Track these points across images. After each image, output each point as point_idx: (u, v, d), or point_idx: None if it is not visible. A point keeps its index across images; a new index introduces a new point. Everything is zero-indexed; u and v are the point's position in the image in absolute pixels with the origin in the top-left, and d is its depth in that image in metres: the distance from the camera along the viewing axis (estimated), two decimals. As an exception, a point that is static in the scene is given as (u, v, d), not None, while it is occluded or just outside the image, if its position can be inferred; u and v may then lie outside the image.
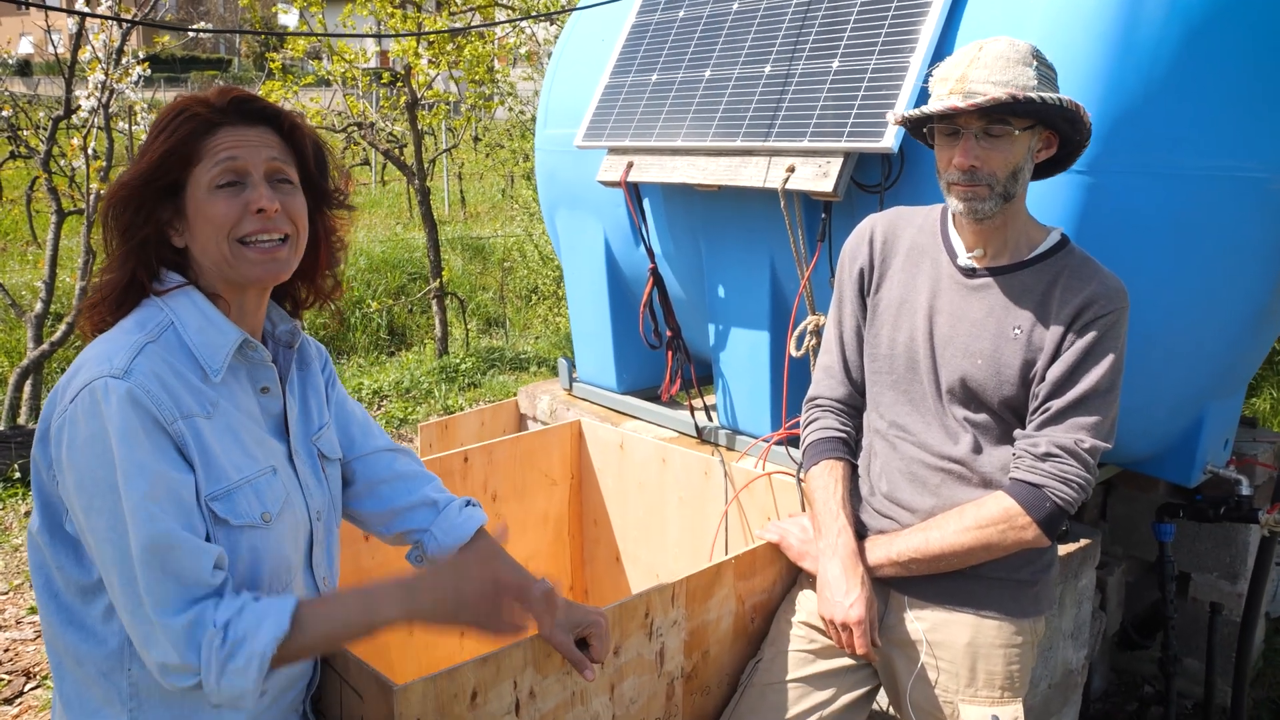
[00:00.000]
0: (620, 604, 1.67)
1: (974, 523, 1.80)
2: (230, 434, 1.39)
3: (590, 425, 2.73)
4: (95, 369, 1.29)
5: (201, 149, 1.36)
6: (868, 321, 2.02)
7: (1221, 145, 2.22)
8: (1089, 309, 1.77)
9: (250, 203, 1.36)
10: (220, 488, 1.35)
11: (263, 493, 1.41)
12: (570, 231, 3.53)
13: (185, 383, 1.35)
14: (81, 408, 1.27)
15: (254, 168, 1.37)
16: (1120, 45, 2.11)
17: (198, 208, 1.36)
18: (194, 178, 1.36)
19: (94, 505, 1.26)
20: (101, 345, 1.33)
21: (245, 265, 1.38)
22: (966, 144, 1.72)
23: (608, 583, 2.76)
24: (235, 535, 1.37)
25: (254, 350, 1.44)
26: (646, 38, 3.05)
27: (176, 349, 1.36)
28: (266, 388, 1.48)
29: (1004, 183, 1.75)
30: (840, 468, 2.00)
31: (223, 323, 1.40)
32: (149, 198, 1.36)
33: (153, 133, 1.39)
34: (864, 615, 1.83)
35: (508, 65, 8.09)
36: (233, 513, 1.36)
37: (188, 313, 1.38)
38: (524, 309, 9.15)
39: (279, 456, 1.47)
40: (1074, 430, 1.78)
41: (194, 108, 1.38)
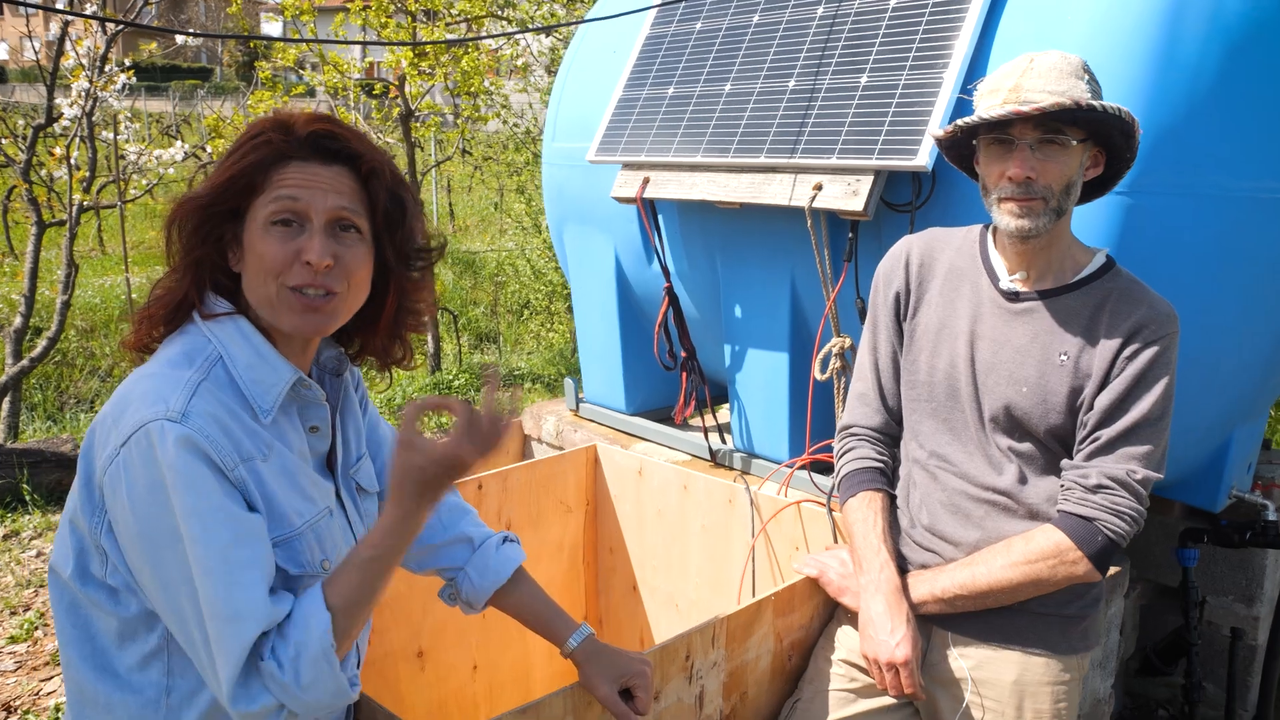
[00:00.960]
0: (661, 646, 1.59)
1: (1022, 558, 1.74)
2: (287, 476, 1.30)
3: (606, 450, 2.65)
4: (148, 409, 1.18)
5: (266, 179, 1.26)
6: (905, 347, 1.95)
7: (1261, 165, 2.18)
8: (1139, 334, 1.71)
9: (301, 251, 1.25)
10: (281, 534, 1.27)
11: (323, 538, 1.33)
12: (579, 248, 3.45)
13: (241, 424, 1.25)
14: (138, 452, 1.17)
15: (315, 213, 1.26)
16: (1162, 61, 2.06)
17: (251, 241, 1.27)
18: (254, 208, 1.27)
19: (162, 557, 1.18)
20: (150, 381, 1.23)
21: (285, 313, 1.27)
22: (1022, 154, 1.66)
23: (624, 612, 2.68)
24: (292, 584, 1.28)
25: (308, 389, 1.34)
26: (662, 50, 2.98)
27: (226, 386, 1.26)
28: (316, 427, 1.38)
29: (1058, 196, 1.69)
30: (879, 499, 1.93)
31: (275, 359, 1.30)
32: (212, 218, 1.28)
33: (230, 150, 1.31)
34: (910, 655, 1.76)
35: (501, 78, 8.02)
36: (293, 561, 1.28)
37: (237, 346, 1.28)
38: (516, 324, 9.06)
39: (330, 496, 1.39)
40: (1125, 460, 1.71)
41: (269, 133, 1.28)
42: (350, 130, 1.34)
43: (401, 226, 1.37)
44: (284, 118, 1.31)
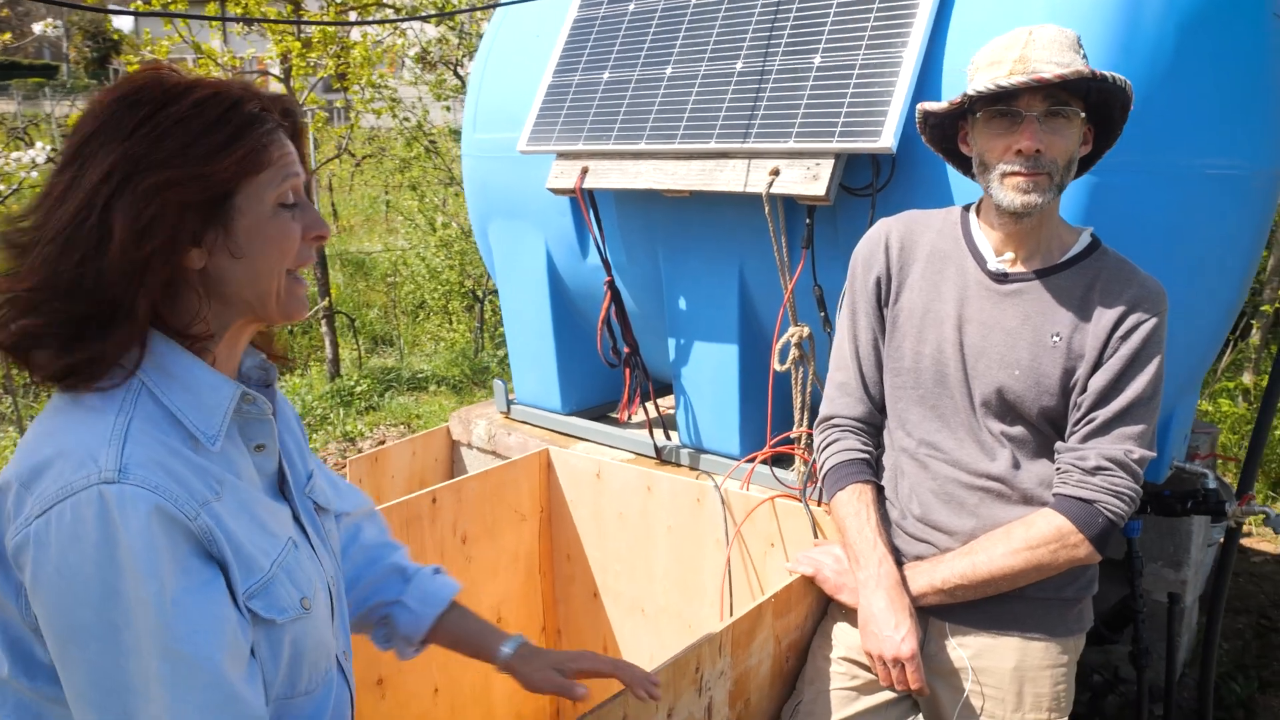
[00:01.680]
0: (673, 661, 1.50)
1: (1023, 543, 1.71)
2: (245, 512, 1.11)
3: (560, 454, 2.53)
4: (72, 472, 0.97)
5: (270, 156, 1.11)
6: (887, 334, 1.90)
7: (1210, 143, 2.21)
8: (1132, 313, 1.70)
9: (310, 228, 1.15)
10: (256, 581, 1.09)
11: (294, 573, 1.16)
12: (506, 245, 3.31)
13: (186, 462, 1.05)
14: (56, 528, 0.96)
15: (303, 187, 1.17)
16: (1122, 41, 2.06)
17: (256, 227, 1.10)
18: (254, 188, 1.10)
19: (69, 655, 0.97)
20: (67, 435, 1.01)
21: (294, 302, 1.16)
22: (1030, 126, 1.62)
23: (585, 619, 2.57)
24: (278, 634, 1.11)
25: (252, 403, 1.17)
26: (593, 33, 2.87)
27: (159, 420, 1.06)
28: (262, 445, 1.20)
29: (1061, 172, 1.67)
30: (869, 491, 1.87)
31: (211, 375, 1.11)
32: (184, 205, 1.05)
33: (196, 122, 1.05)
34: (915, 650, 1.71)
35: (393, 70, 7.73)
36: (276, 609, 1.11)
37: (161, 371, 1.08)
38: (412, 325, 8.78)
39: (288, 523, 1.21)
40: (1121, 441, 1.70)
41: (255, 103, 1.11)
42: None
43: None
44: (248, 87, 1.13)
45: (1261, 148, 2.32)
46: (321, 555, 1.28)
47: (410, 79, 7.52)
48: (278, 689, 1.14)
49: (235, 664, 1.03)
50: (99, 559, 0.95)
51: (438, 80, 8.05)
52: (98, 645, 0.96)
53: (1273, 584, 4.00)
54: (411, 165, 8.42)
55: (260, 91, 1.15)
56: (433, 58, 7.78)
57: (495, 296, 8.17)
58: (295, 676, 1.16)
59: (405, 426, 6.19)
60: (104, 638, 0.96)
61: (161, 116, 1.06)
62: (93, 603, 0.95)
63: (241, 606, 1.06)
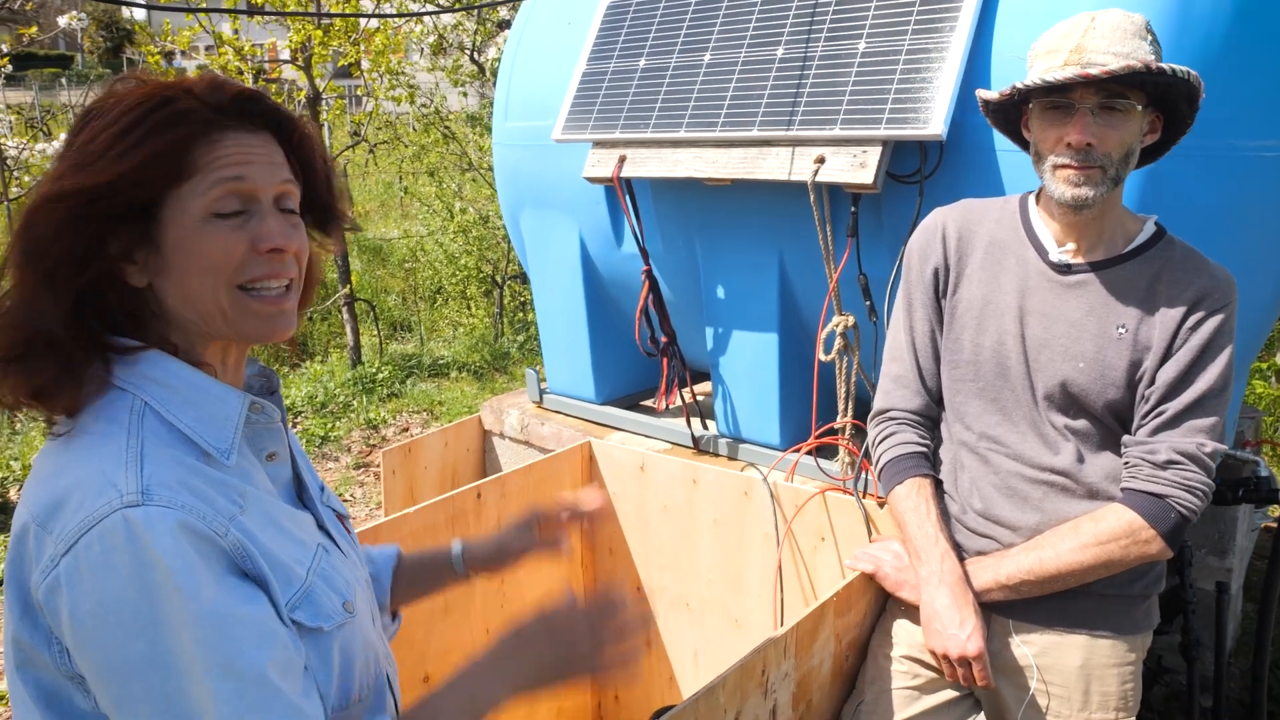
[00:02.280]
0: (740, 665, 1.47)
1: (1093, 539, 1.67)
2: (270, 522, 1.06)
3: (603, 447, 2.50)
4: (93, 502, 0.92)
5: (195, 160, 1.01)
6: (946, 325, 1.86)
7: (1263, 125, 2.16)
8: (1201, 304, 1.66)
9: (260, 239, 1.03)
10: (296, 591, 1.05)
11: (331, 578, 1.12)
12: (538, 234, 3.27)
13: (205, 478, 1.00)
14: (86, 562, 0.91)
15: (263, 192, 1.05)
16: (1178, 22, 2.00)
17: (183, 240, 1.01)
18: (178, 198, 1.01)
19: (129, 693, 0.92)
20: (80, 466, 0.96)
21: (249, 320, 1.05)
22: (1083, 119, 1.57)
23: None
24: (326, 642, 1.07)
25: (260, 412, 1.11)
26: (628, 20, 2.82)
27: (168, 439, 1.01)
28: (274, 454, 1.15)
29: (1117, 165, 1.61)
30: (928, 485, 1.84)
31: (216, 388, 1.06)
32: (103, 220, 0.99)
33: (113, 126, 1.00)
34: (982, 648, 1.68)
35: (404, 57, 7.68)
36: (322, 616, 1.07)
37: (161, 387, 1.03)
38: (430, 311, 8.76)
39: (313, 530, 1.17)
40: (1192, 434, 1.66)
41: (185, 99, 1.02)
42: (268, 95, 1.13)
43: (333, 198, 1.19)
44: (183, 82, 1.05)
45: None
46: (352, 558, 1.25)
47: (426, 66, 7.47)
48: (333, 701, 1.10)
49: (291, 678, 0.99)
50: (137, 587, 0.91)
51: (454, 65, 7.99)
52: (157, 675, 0.91)
53: (1314, 569, 3.94)
54: (429, 151, 8.38)
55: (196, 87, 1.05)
56: (448, 43, 7.73)
57: (514, 282, 8.14)
58: (347, 686, 1.12)
59: (428, 413, 6.18)
60: (160, 666, 0.91)
61: (91, 128, 1.01)
62: (140, 633, 0.91)
63: (286, 620, 1.02)
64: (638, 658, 1.24)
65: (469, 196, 8.53)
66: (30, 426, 5.87)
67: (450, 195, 8.31)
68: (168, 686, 0.91)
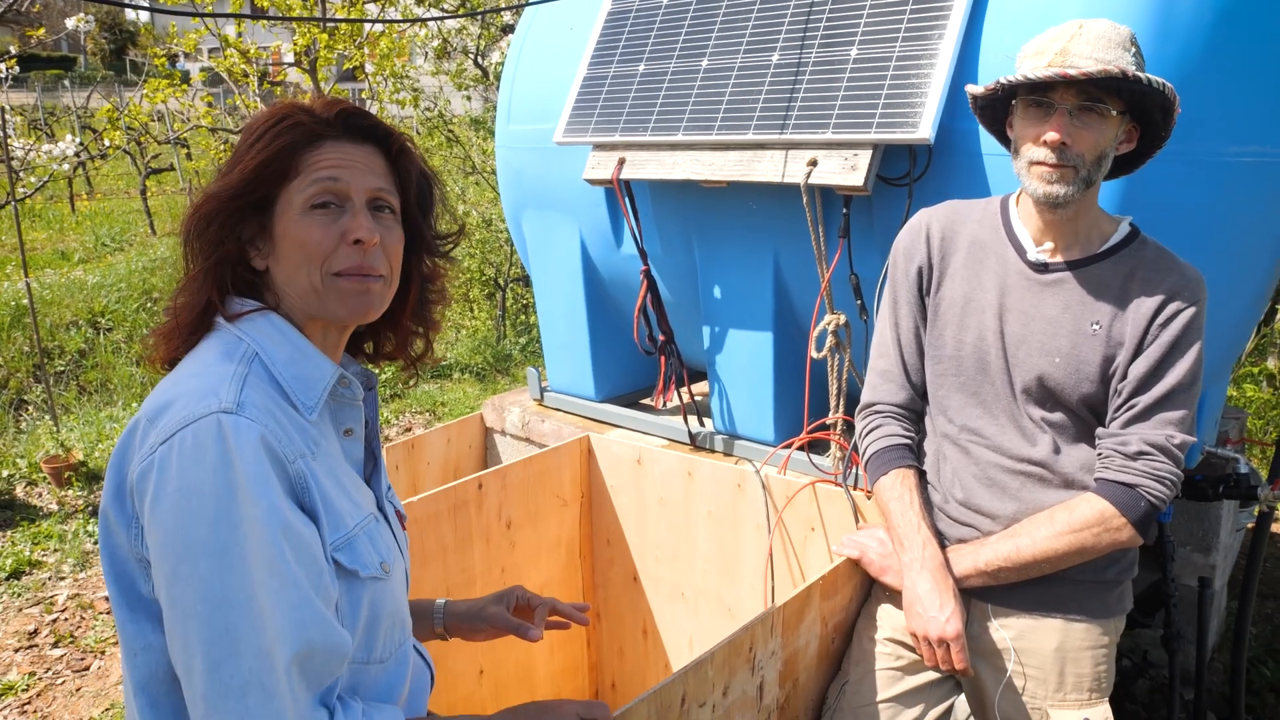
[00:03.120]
0: (729, 640, 1.54)
1: (1067, 527, 1.74)
2: (332, 478, 1.20)
3: (602, 441, 2.58)
4: (196, 404, 1.08)
5: (300, 163, 1.19)
6: (929, 322, 1.94)
7: (1245, 130, 2.23)
8: (1172, 301, 1.73)
9: (348, 231, 1.19)
10: (341, 536, 1.18)
11: (376, 540, 1.24)
12: (540, 235, 3.35)
13: (290, 418, 1.17)
14: (178, 451, 1.05)
15: (355, 192, 1.21)
16: (1159, 30, 2.08)
17: (287, 229, 1.20)
18: (286, 194, 1.20)
19: (182, 571, 1.03)
20: (193, 381, 1.12)
21: (335, 299, 1.20)
22: (1060, 118, 1.65)
23: (625, 603, 2.62)
24: (359, 589, 1.19)
25: (346, 387, 1.26)
26: (627, 26, 2.90)
27: (268, 382, 1.18)
28: (350, 430, 1.29)
29: (1089, 166, 1.69)
30: (912, 476, 1.91)
31: (315, 354, 1.22)
32: (235, 212, 1.20)
33: (246, 140, 1.22)
34: (960, 630, 1.75)
35: (408, 60, 7.77)
36: (360, 563, 1.19)
37: (273, 342, 1.20)
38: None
39: (372, 505, 1.29)
40: (1163, 426, 1.73)
41: (297, 115, 1.21)
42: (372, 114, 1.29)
43: (431, 208, 1.34)
44: (301, 102, 1.24)
45: (1294, 135, 2.34)
46: (402, 546, 1.35)
47: (431, 70, 7.55)
48: (355, 651, 1.20)
49: (327, 602, 1.11)
50: (215, 480, 1.04)
51: (458, 69, 8.08)
52: (208, 561, 1.02)
53: (1300, 568, 4.02)
54: (433, 154, 8.46)
55: (313, 105, 1.23)
56: (452, 47, 7.81)
57: (516, 285, 8.22)
58: (371, 640, 1.22)
59: (431, 414, 6.25)
60: (216, 554, 1.03)
61: (239, 142, 1.24)
62: (208, 519, 1.03)
63: (328, 557, 1.14)
64: None
65: (472, 200, 8.61)
66: (36, 425, 5.95)
67: (454, 199, 8.38)
68: (214, 574, 1.03)
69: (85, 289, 8.07)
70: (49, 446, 5.44)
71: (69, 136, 6.04)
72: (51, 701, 3.42)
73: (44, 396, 6.10)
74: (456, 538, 2.23)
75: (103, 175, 16.25)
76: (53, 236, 11.53)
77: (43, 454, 5.33)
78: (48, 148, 6.05)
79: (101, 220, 12.43)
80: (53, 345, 6.99)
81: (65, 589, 4.21)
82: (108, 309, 7.68)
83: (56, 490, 5.15)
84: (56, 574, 4.33)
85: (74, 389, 6.61)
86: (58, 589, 4.21)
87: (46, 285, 7.99)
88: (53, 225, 12.25)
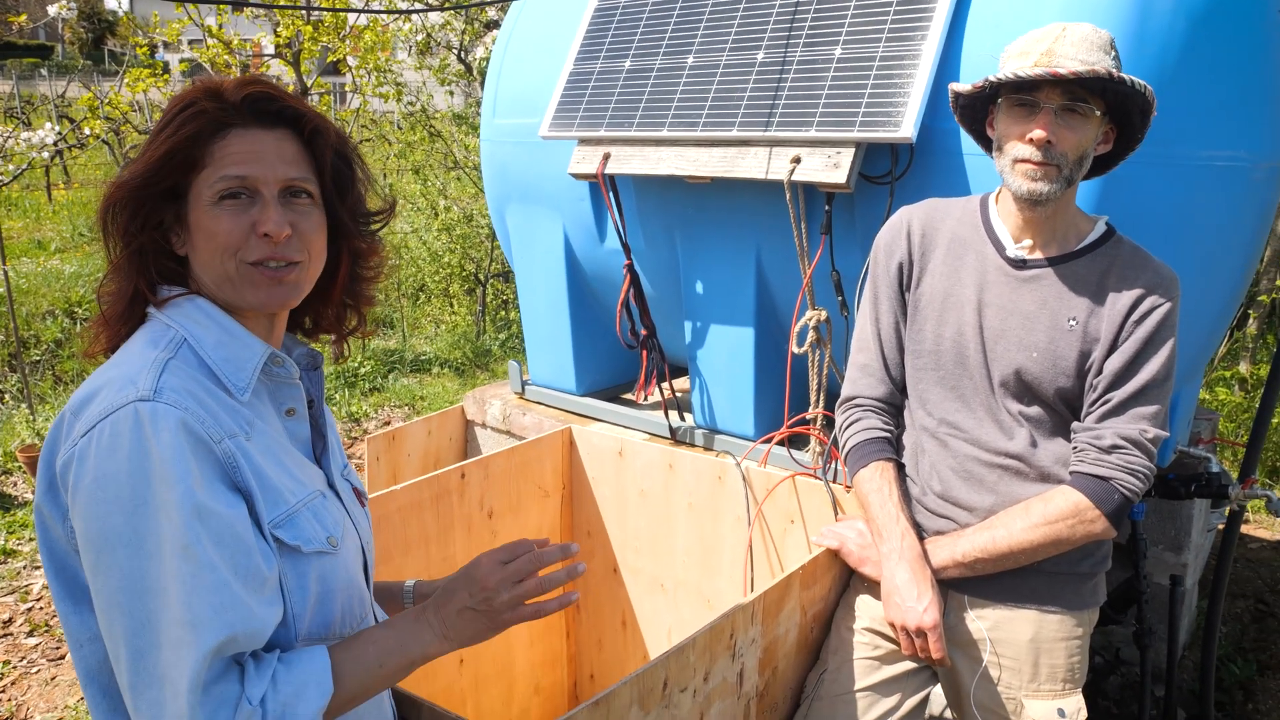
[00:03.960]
0: (710, 627, 1.57)
1: (1042, 519, 1.78)
2: (271, 456, 1.21)
3: (583, 433, 2.59)
4: (114, 395, 1.09)
5: (206, 153, 1.18)
6: (909, 317, 1.97)
7: (1214, 135, 2.28)
8: (1146, 299, 1.77)
9: (258, 224, 1.19)
10: (281, 512, 1.18)
11: (322, 516, 1.24)
12: (523, 229, 3.36)
13: (218, 401, 1.17)
14: (97, 442, 1.06)
15: (265, 184, 1.20)
16: (1135, 36, 2.12)
17: (199, 220, 1.19)
18: (196, 185, 1.19)
19: (102, 562, 1.05)
20: (114, 370, 1.14)
21: (248, 289, 1.21)
22: (1046, 117, 1.69)
23: (604, 594, 2.64)
24: (304, 564, 1.20)
25: (280, 366, 1.26)
26: (614, 22, 2.92)
27: (196, 367, 1.18)
28: (292, 409, 1.30)
29: (1071, 165, 1.72)
30: (891, 468, 1.94)
31: (243, 334, 1.23)
32: (148, 201, 1.19)
33: (157, 127, 1.21)
34: (938, 620, 1.78)
35: (390, 54, 7.74)
36: (302, 538, 1.19)
37: (200, 326, 1.21)
38: (412, 309, 8.82)
39: (321, 483, 1.30)
40: (1136, 421, 1.77)
41: (202, 102, 1.19)
42: (283, 90, 1.27)
43: (352, 188, 1.33)
44: (212, 84, 1.22)
45: (1263, 141, 2.39)
46: (359, 522, 1.35)
47: (414, 64, 7.54)
48: (308, 625, 1.21)
49: (250, 583, 1.11)
50: (130, 468, 1.05)
51: (441, 65, 8.07)
52: (125, 550, 1.04)
53: (1270, 569, 4.09)
54: (415, 149, 8.45)
55: (221, 88, 1.20)
56: (436, 42, 7.80)
57: (497, 280, 8.21)
58: (327, 614, 1.23)
59: (410, 408, 6.25)
60: (132, 543, 1.04)
61: (154, 125, 1.24)
62: (124, 509, 1.04)
63: (268, 535, 1.15)
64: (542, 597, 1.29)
65: (453, 195, 8.60)
66: (12, 414, 5.89)
67: (435, 193, 8.38)
68: (133, 563, 1.04)
69: (63, 278, 8.01)
70: (24, 436, 5.40)
71: (48, 124, 5.99)
72: (26, 690, 3.40)
73: (19, 386, 6.04)
74: (439, 526, 2.24)
75: (80, 165, 16.12)
76: (29, 225, 11.43)
77: (18, 443, 5.29)
78: (27, 135, 5.99)
79: (79, 210, 12.33)
80: (29, 334, 6.93)
81: (40, 578, 4.18)
82: (85, 298, 7.62)
83: (31, 479, 5.11)
84: (31, 563, 4.30)
85: (49, 378, 6.56)
86: (32, 578, 4.18)
87: (23, 274, 7.92)
88: (29, 214, 12.14)
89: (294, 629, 1.19)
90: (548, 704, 2.70)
